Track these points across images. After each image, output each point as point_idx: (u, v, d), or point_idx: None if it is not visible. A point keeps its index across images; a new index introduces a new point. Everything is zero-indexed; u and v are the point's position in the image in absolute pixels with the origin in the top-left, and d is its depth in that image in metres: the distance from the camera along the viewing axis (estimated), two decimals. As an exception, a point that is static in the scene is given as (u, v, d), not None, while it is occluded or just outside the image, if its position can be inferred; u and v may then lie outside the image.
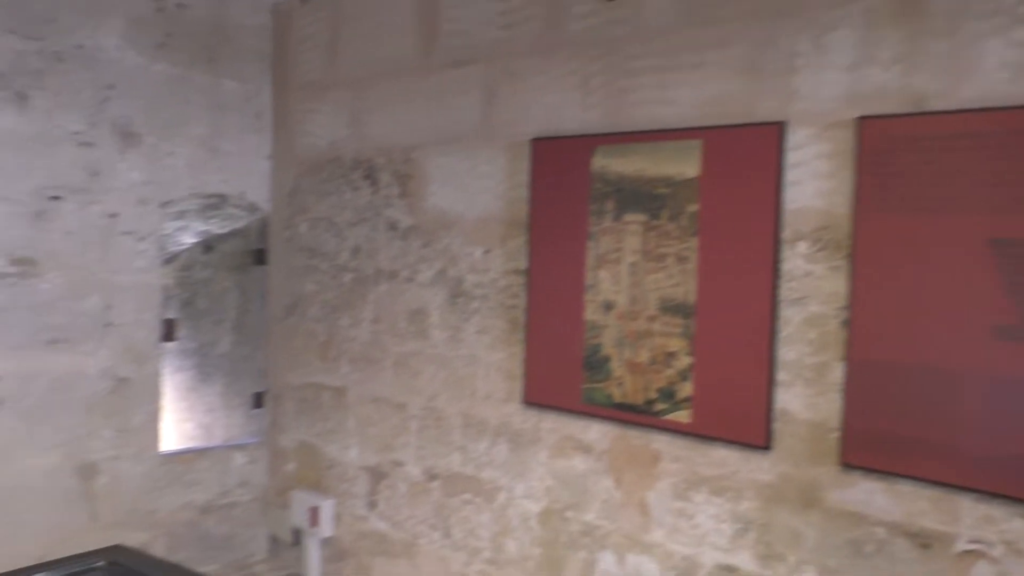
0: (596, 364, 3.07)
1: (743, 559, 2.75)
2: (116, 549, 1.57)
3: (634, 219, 2.97)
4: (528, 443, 3.32)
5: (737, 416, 2.74)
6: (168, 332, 4.31)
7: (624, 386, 2.99)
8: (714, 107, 2.80)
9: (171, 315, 4.37)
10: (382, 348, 3.89)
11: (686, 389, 2.84)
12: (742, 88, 2.74)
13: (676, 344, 2.86)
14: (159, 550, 4.20)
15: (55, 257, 3.80)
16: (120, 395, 4.05)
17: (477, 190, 3.49)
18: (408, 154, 3.76)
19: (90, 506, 3.98)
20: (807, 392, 2.62)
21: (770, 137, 2.66)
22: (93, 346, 3.94)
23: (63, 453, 3.89)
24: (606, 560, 3.08)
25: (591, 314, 3.09)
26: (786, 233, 2.65)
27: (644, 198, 2.94)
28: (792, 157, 2.64)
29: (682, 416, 2.85)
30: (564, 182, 3.17)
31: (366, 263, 3.95)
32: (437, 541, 3.66)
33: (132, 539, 4.10)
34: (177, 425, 4.97)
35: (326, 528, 4.12)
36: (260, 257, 4.58)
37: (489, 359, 3.46)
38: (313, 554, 4.19)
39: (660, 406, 2.90)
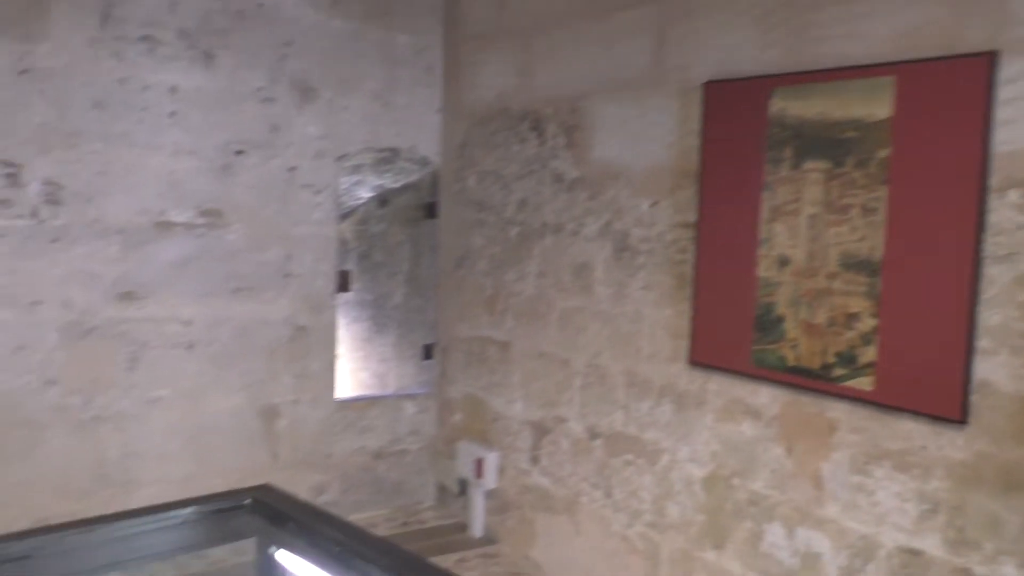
0: (768, 324, 2.86)
1: (930, 543, 2.49)
2: (264, 488, 1.59)
3: (815, 167, 2.71)
4: (693, 405, 3.16)
5: (928, 386, 2.46)
6: (343, 283, 4.45)
7: (798, 348, 2.77)
8: (910, 39, 2.49)
9: (346, 267, 4.50)
10: (547, 303, 3.83)
11: (869, 354, 2.58)
12: (944, 15, 2.42)
13: (858, 304, 2.60)
14: (334, 491, 4.39)
15: (239, 209, 3.99)
16: (299, 343, 4.24)
17: (645, 139, 3.33)
18: (575, 103, 3.64)
19: (271, 446, 4.20)
20: (1015, 362, 2.30)
21: (978, 70, 2.32)
22: (274, 295, 4.13)
23: (247, 396, 4.12)
24: (774, 532, 2.89)
25: (764, 270, 2.87)
26: (994, 180, 2.32)
27: (826, 144, 2.67)
28: (1005, 92, 2.30)
29: (863, 383, 2.60)
30: (738, 128, 2.94)
31: (532, 216, 3.89)
32: (598, 500, 3.59)
33: (309, 480, 4.31)
34: (353, 374, 5.16)
35: (490, 480, 4.15)
36: (431, 211, 4.62)
37: (655, 316, 3.31)
38: (478, 505, 4.24)
39: (838, 372, 2.66)
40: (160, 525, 1.55)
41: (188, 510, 1.59)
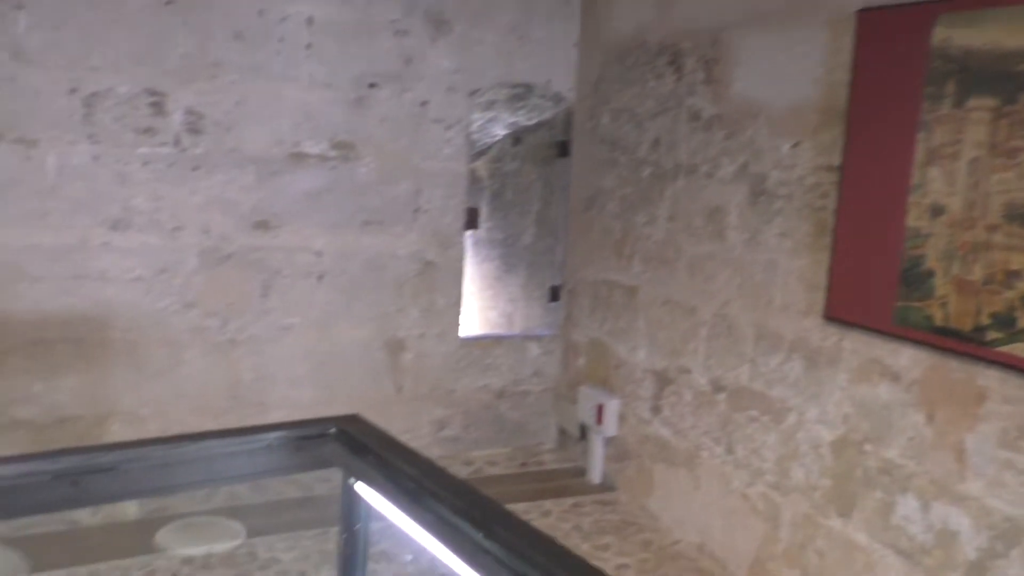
0: (915, 279, 2.60)
1: (1088, 532, 2.22)
2: (351, 419, 1.56)
3: (981, 104, 2.41)
4: (826, 363, 2.94)
5: (1099, 356, 2.17)
6: (472, 220, 4.42)
7: (948, 307, 2.50)
8: (1109, -46, 2.14)
9: (477, 204, 4.47)
10: (676, 248, 3.66)
11: (1030, 317, 2.30)
12: None
13: (1021, 261, 2.31)
14: (455, 427, 4.43)
15: (371, 142, 4.01)
16: (426, 278, 4.25)
17: (789, 74, 3.07)
18: (716, 36, 3.40)
19: (396, 379, 4.27)
20: None
21: None
22: (403, 229, 4.15)
23: (374, 328, 4.18)
24: (907, 505, 2.66)
25: (914, 220, 2.60)
26: None
27: (997, 78, 2.36)
28: None
29: (1020, 349, 2.32)
30: (894, 61, 2.65)
31: (665, 157, 3.70)
32: (719, 456, 3.44)
33: (432, 414, 4.36)
34: (481, 312, 5.16)
35: (610, 427, 4.06)
36: (564, 149, 4.50)
37: (789, 266, 3.09)
38: (597, 451, 4.17)
39: (993, 335, 2.39)
40: (247, 447, 1.56)
41: (275, 434, 1.58)
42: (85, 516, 3.44)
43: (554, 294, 4.62)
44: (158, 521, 3.46)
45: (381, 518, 1.52)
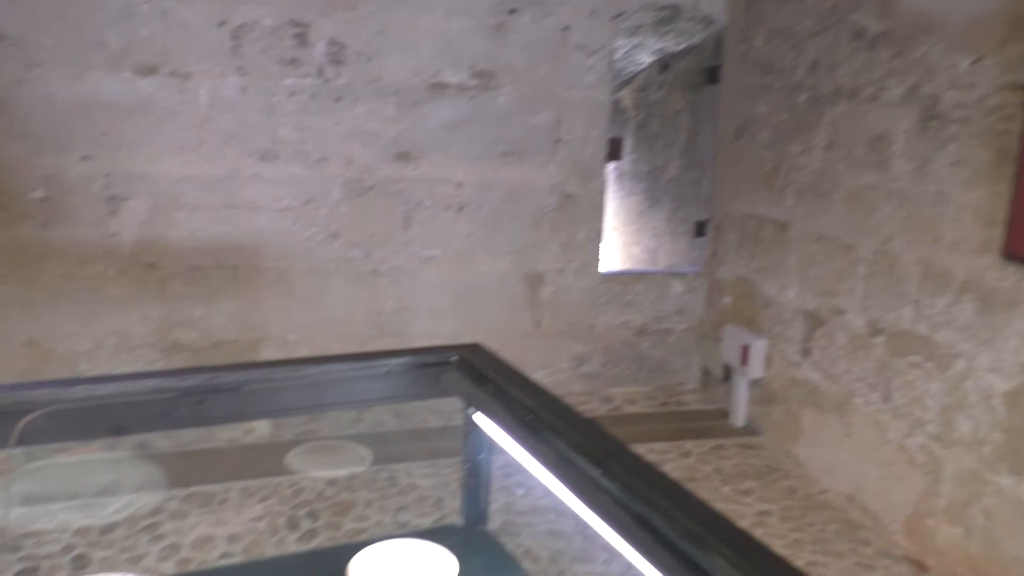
0: (1116, 212, 2.28)
1: None
2: (472, 348, 1.51)
3: None
4: (1003, 306, 2.65)
5: None
6: (614, 151, 4.27)
7: None
8: None
9: (618, 135, 4.30)
10: (833, 179, 3.39)
11: None
12: None
13: None
14: (594, 363, 4.36)
15: (511, 71, 3.91)
16: (566, 211, 4.16)
17: (973, -19, 2.73)
18: (887, -58, 3.07)
19: (535, 313, 4.23)
20: None
21: None
22: (543, 160, 4.06)
23: (513, 261, 4.14)
24: (1092, 465, 2.39)
25: (1118, 144, 2.27)
26: None
27: None
28: None
29: None
30: (1103, -40, 2.30)
31: (824, 80, 3.42)
32: (874, 403, 3.21)
33: (570, 349, 4.31)
34: (623, 247, 5.03)
35: (756, 369, 3.88)
36: (713, 75, 4.25)
37: (963, 198, 2.79)
38: (741, 393, 4.01)
39: None
40: (368, 372, 1.54)
41: (395, 360, 1.55)
42: (223, 434, 3.63)
43: (700, 229, 4.43)
44: (293, 443, 3.61)
45: (501, 450, 1.48)
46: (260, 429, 3.68)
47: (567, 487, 1.20)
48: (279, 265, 3.83)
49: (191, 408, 1.37)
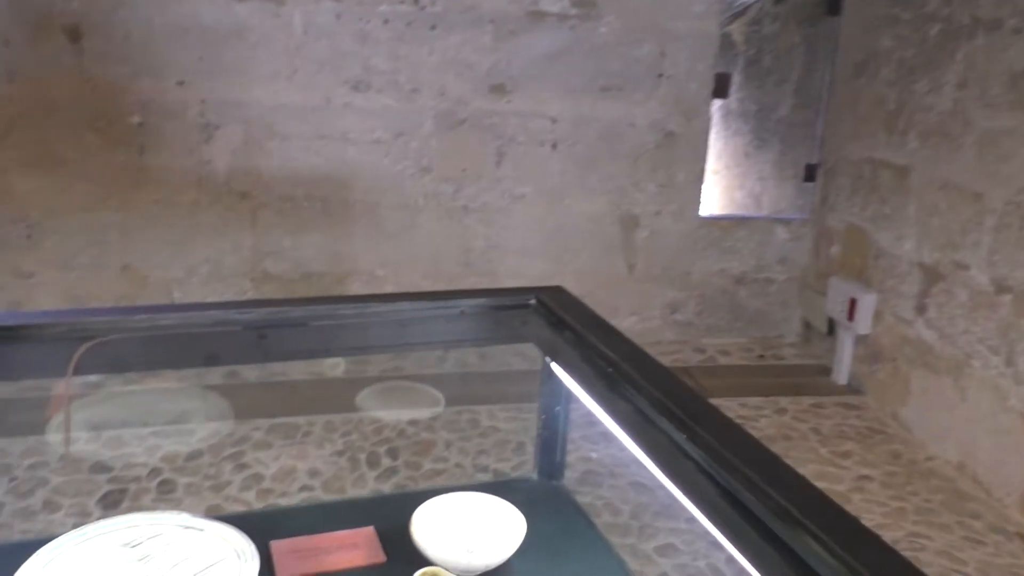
0: None
1: None
2: (555, 291, 1.40)
3: None
4: None
5: None
6: (720, 87, 4.01)
7: None
8: None
9: (725, 70, 4.04)
10: (964, 121, 3.09)
11: None
12: None
13: None
14: (688, 311, 4.19)
15: (613, -1, 3.70)
16: (666, 150, 3.96)
17: None
18: None
19: (628, 257, 4.07)
20: None
21: None
22: (643, 96, 3.85)
23: (608, 201, 3.98)
24: None
25: None
26: None
27: None
28: None
29: None
30: None
31: (959, 10, 3.09)
32: (995, 367, 2.95)
33: (664, 295, 4.14)
34: (725, 191, 4.78)
35: (863, 324, 3.64)
36: (833, 6, 3.93)
37: (1117, 145, 2.48)
38: (845, 349, 3.78)
39: None
40: (440, 313, 1.44)
41: (469, 302, 1.45)
42: (308, 368, 3.63)
43: (810, 173, 4.16)
44: (376, 379, 3.59)
45: (579, 402, 1.36)
46: (344, 365, 3.68)
47: (645, 451, 1.08)
48: (369, 199, 3.77)
49: (272, 341, 1.31)
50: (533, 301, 1.45)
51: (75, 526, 1.28)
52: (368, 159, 3.71)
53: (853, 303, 3.64)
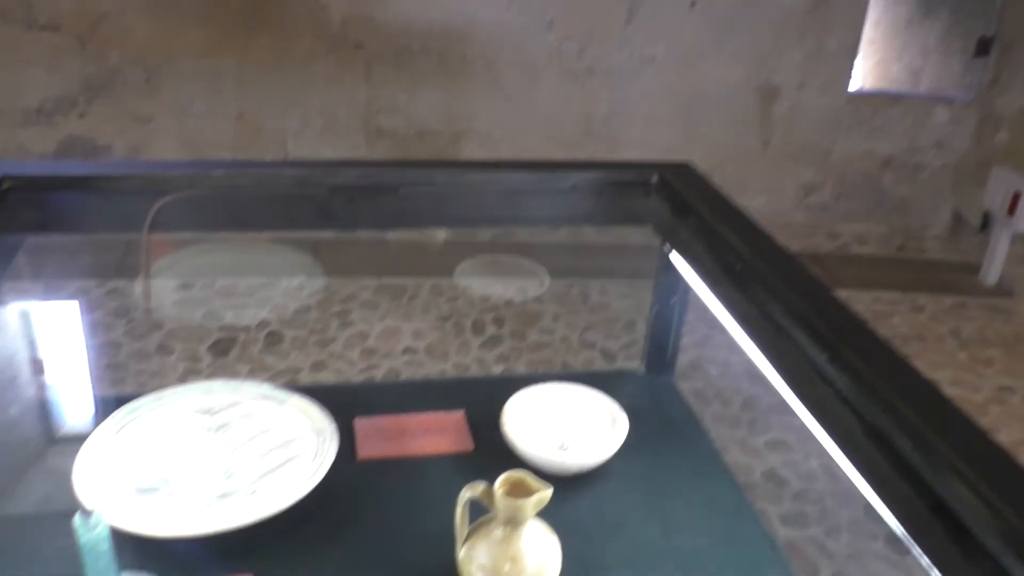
0: None
1: None
2: (681, 169, 1.23)
3: None
4: None
5: None
6: (889, -57, 3.54)
7: None
8: None
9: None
10: None
11: None
12: None
13: None
14: (824, 194, 3.87)
15: None
16: (817, 15, 3.56)
17: None
18: None
19: (764, 131, 3.75)
20: None
21: None
22: (798, -50, 3.44)
23: (747, 70, 3.65)
24: None
25: None
26: None
27: None
28: None
29: None
30: None
31: None
32: None
33: (800, 175, 3.84)
34: (880, 64, 4.31)
35: (1024, 221, 3.27)
36: None
37: None
38: (1000, 247, 3.42)
39: None
40: (549, 187, 1.28)
41: (583, 175, 1.28)
42: (419, 230, 3.54)
43: (983, 47, 3.67)
44: (487, 246, 3.48)
45: (697, 299, 1.20)
46: (456, 230, 3.59)
47: (776, 368, 0.92)
48: (487, 54, 3.56)
49: (342, 206, 1.19)
50: (655, 179, 1.27)
51: (186, 371, 1.23)
52: (488, 11, 3.49)
53: (1016, 197, 3.26)
